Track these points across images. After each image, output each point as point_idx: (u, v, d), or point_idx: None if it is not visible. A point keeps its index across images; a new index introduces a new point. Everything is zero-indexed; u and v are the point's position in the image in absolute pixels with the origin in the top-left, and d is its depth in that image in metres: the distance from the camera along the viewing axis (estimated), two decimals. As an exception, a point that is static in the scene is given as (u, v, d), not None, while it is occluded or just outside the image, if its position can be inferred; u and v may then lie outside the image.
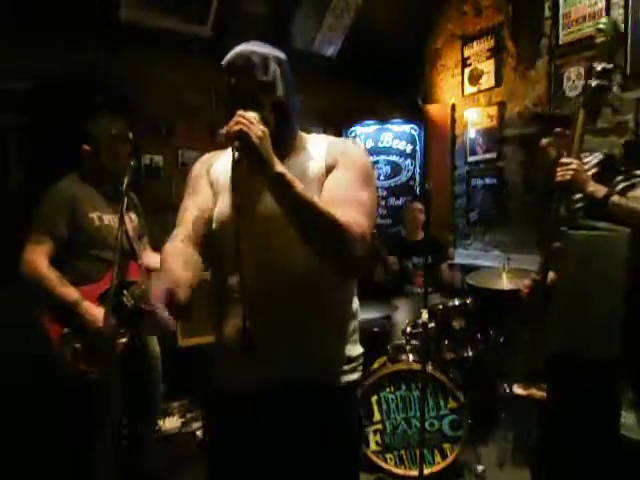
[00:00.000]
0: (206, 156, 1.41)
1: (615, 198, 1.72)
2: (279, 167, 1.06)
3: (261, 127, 1.07)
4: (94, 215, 2.07)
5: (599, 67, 1.72)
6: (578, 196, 1.85)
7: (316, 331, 1.19)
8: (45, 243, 1.98)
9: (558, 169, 1.78)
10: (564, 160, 1.79)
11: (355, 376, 1.26)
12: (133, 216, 2.25)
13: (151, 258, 2.30)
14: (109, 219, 2.11)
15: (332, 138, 1.35)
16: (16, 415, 2.56)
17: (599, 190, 1.74)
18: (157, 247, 2.44)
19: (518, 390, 1.93)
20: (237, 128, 1.05)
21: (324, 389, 1.20)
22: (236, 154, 1.06)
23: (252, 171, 1.07)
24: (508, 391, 2.89)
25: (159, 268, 1.19)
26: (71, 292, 1.94)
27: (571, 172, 1.74)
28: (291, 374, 1.16)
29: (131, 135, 2.14)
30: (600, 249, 1.60)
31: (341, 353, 1.23)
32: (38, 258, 1.96)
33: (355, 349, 1.28)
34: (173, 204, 3.98)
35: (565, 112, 2.06)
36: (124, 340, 2.00)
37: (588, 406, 1.64)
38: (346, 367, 1.24)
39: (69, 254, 2.04)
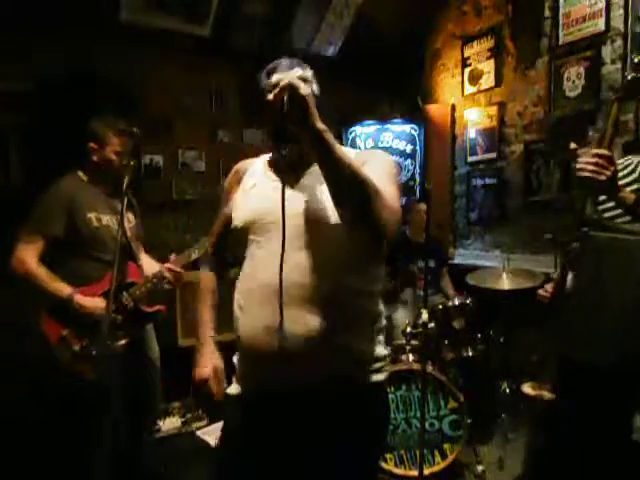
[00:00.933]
0: (239, 165, 1.46)
1: None
2: (322, 124, 1.09)
3: (307, 87, 1.12)
4: (92, 215, 2.05)
5: (636, 59, 1.63)
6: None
7: (347, 331, 1.20)
8: (36, 242, 1.97)
9: (591, 167, 1.60)
10: (598, 160, 1.58)
11: (382, 376, 1.28)
12: (131, 217, 2.22)
13: (144, 260, 2.28)
14: (107, 219, 2.09)
15: (359, 150, 1.43)
16: (14, 415, 2.56)
17: (629, 197, 1.61)
18: (156, 246, 2.45)
19: (527, 390, 1.89)
20: (287, 82, 1.07)
21: (354, 388, 1.22)
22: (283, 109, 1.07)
23: (297, 126, 1.09)
24: (509, 391, 2.89)
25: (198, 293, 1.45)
26: (63, 287, 1.94)
27: (609, 174, 1.56)
28: (324, 374, 1.18)
29: (136, 130, 2.12)
30: (620, 253, 1.50)
31: (370, 352, 1.25)
32: (27, 256, 1.94)
33: (381, 349, 1.29)
34: (173, 204, 3.99)
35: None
36: (124, 341, 1.99)
37: (598, 412, 1.60)
38: (375, 366, 1.26)
39: (67, 255, 2.02)
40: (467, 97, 4.06)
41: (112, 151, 2.07)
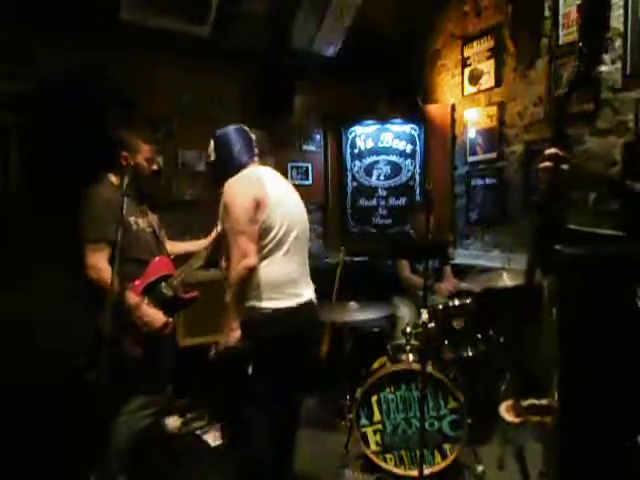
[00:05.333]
0: None
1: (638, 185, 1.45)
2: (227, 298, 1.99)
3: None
4: (132, 219, 2.24)
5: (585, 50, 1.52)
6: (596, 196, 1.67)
7: None
8: (103, 248, 2.11)
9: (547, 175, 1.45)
10: (548, 153, 1.43)
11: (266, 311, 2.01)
12: (154, 216, 2.43)
13: (175, 247, 2.57)
14: (141, 222, 2.31)
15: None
16: (33, 411, 2.59)
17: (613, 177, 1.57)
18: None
19: (506, 415, 1.55)
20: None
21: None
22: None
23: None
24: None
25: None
26: (132, 295, 2.15)
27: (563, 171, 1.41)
28: None
29: (160, 136, 2.30)
30: (591, 270, 1.32)
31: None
32: (100, 263, 2.11)
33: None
34: (173, 204, 4.00)
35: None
36: (171, 320, 2.26)
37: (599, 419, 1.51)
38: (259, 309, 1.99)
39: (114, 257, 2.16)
40: (467, 97, 4.05)
41: (143, 158, 2.28)
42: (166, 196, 3.65)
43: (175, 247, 2.55)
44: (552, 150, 1.43)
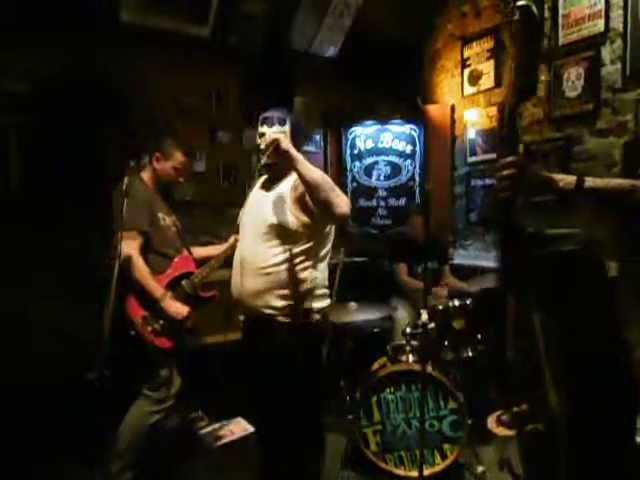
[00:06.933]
0: None
1: (590, 181, 1.41)
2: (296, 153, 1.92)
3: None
4: (160, 215, 2.35)
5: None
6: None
7: None
8: (135, 238, 2.18)
9: (503, 184, 1.44)
10: (504, 173, 1.42)
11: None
12: (174, 217, 2.50)
13: (197, 252, 2.60)
14: (168, 219, 2.41)
15: None
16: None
17: (568, 180, 1.46)
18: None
19: (498, 431, 1.40)
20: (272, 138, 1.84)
21: None
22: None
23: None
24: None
25: None
26: (159, 287, 2.23)
27: (517, 180, 1.41)
28: None
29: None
30: (561, 267, 1.30)
31: None
32: (134, 252, 2.18)
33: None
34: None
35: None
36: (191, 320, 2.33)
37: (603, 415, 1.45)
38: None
39: (145, 249, 2.26)
40: (467, 97, 4.06)
41: (172, 166, 2.39)
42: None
43: (197, 252, 2.58)
44: (508, 159, 1.43)
